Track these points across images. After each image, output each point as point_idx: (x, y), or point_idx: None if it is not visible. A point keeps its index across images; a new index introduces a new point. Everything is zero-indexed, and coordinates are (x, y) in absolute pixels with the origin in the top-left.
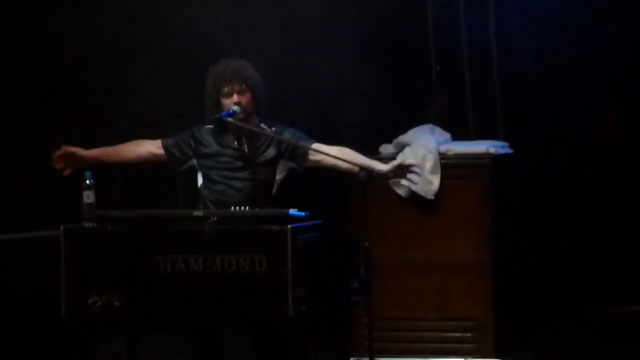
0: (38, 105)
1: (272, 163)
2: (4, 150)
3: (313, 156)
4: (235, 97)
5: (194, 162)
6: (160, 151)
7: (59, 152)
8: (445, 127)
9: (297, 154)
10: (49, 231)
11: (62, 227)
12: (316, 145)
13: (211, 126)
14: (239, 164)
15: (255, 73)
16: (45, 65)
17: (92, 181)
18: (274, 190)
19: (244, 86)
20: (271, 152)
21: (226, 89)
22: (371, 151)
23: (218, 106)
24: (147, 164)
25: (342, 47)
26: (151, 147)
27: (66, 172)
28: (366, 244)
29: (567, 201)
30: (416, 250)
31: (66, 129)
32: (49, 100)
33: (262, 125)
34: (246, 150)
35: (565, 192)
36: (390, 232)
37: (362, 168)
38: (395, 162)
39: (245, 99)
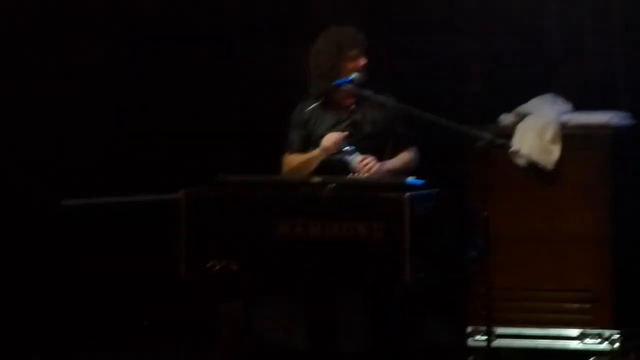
0: (166, 68)
1: (383, 134)
2: (135, 117)
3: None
4: (363, 60)
5: None
6: None
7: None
8: (568, 97)
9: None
10: (170, 194)
11: (182, 190)
12: (402, 156)
13: (313, 106)
14: (351, 133)
15: None
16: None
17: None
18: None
19: (364, 51)
20: (383, 120)
21: (354, 51)
22: (491, 120)
23: (335, 70)
24: None
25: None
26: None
27: None
28: (485, 213)
29: None
30: (534, 221)
31: (185, 94)
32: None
33: (367, 93)
34: (358, 118)
35: None
36: (508, 202)
37: None
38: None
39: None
